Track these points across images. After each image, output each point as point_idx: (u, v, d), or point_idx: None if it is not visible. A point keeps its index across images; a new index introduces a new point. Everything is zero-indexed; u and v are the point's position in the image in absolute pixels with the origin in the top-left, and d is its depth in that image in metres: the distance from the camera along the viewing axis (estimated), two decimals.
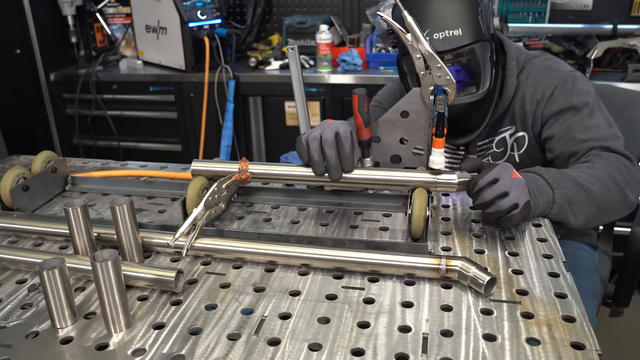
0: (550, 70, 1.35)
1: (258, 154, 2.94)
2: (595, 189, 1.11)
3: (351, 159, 1.02)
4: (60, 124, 3.09)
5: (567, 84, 1.31)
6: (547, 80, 1.33)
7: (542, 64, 1.37)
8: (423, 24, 1.20)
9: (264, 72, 2.79)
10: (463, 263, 0.86)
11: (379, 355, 0.72)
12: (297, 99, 1.28)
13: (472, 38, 1.22)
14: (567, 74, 1.34)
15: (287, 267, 0.95)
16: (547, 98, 1.32)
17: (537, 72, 1.36)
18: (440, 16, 1.21)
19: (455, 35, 1.20)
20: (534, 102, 1.34)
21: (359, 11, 3.04)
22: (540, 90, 1.33)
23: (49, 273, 0.77)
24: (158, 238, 0.99)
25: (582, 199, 1.10)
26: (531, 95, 1.34)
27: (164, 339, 0.77)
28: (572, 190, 1.09)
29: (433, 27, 1.20)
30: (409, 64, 1.31)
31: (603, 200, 1.12)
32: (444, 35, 1.20)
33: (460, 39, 1.21)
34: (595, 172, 1.14)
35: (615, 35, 2.53)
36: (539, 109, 1.33)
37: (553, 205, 1.07)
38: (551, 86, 1.32)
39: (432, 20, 1.21)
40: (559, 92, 1.31)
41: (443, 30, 1.20)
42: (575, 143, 1.26)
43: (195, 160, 1.12)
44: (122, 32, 3.14)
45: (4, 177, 1.18)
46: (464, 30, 1.20)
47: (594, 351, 0.71)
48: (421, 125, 1.09)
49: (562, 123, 1.30)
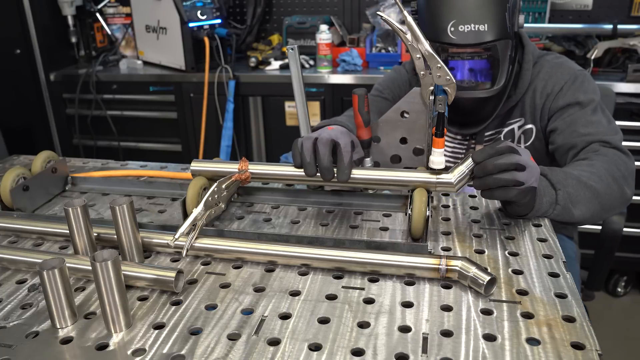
0: (562, 67, 1.39)
1: (258, 154, 2.94)
2: (597, 186, 1.12)
3: (348, 170, 1.01)
4: (60, 124, 3.09)
5: (577, 81, 1.35)
6: (558, 76, 1.37)
7: (554, 60, 1.41)
8: (450, 13, 1.22)
9: (264, 72, 2.79)
10: (463, 263, 0.86)
11: (379, 355, 0.72)
12: (297, 99, 1.28)
13: (496, 35, 1.23)
14: (578, 72, 1.38)
15: (287, 267, 0.95)
16: (557, 92, 1.35)
17: (549, 67, 1.39)
18: (468, 9, 1.22)
19: (480, 31, 1.22)
20: (544, 95, 1.37)
21: (359, 11, 3.04)
22: (550, 85, 1.37)
23: (49, 273, 0.77)
24: (158, 238, 0.99)
25: (586, 197, 1.10)
26: (542, 88, 1.37)
27: (164, 339, 0.77)
28: (575, 188, 1.09)
29: (460, 19, 1.21)
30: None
31: (604, 197, 1.13)
32: (469, 28, 1.21)
33: (484, 35, 1.22)
34: (596, 170, 1.15)
35: (615, 35, 2.53)
36: (547, 103, 1.37)
37: (555, 206, 1.07)
38: (562, 81, 1.36)
39: (459, 11, 1.22)
40: (568, 88, 1.35)
41: (469, 24, 1.21)
42: (576, 136, 1.29)
43: (195, 160, 1.12)
44: (122, 32, 3.14)
45: (4, 177, 1.18)
46: (489, 26, 1.22)
47: (594, 351, 0.71)
48: (421, 125, 1.09)
49: (566, 117, 1.33)
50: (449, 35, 1.23)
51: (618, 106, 1.75)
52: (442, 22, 1.24)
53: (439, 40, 1.25)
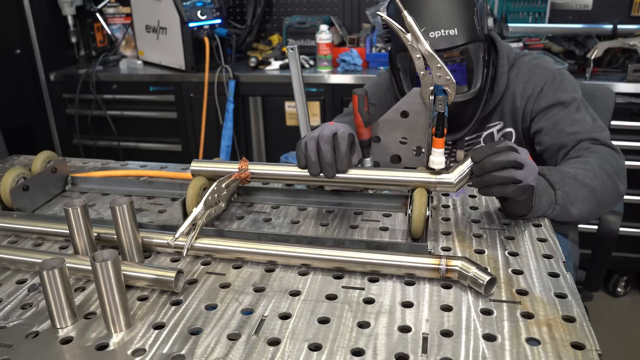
0: (540, 68, 1.39)
1: (258, 154, 2.94)
2: (593, 184, 1.13)
3: (346, 160, 1.01)
4: (60, 124, 3.09)
5: (556, 81, 1.36)
6: (536, 77, 1.37)
7: (531, 62, 1.41)
8: (419, 22, 1.20)
9: (264, 72, 2.79)
10: (463, 263, 0.86)
11: (379, 355, 0.72)
12: (297, 99, 1.28)
13: (466, 38, 1.24)
14: (555, 71, 1.38)
15: (287, 267, 0.95)
16: (537, 94, 1.36)
17: (527, 69, 1.39)
18: (436, 15, 1.23)
19: (450, 35, 1.23)
20: (524, 97, 1.37)
21: (359, 11, 3.04)
22: (530, 87, 1.37)
23: (49, 273, 0.77)
24: (158, 238, 0.99)
25: (583, 195, 1.11)
26: (522, 91, 1.38)
27: (164, 339, 0.77)
28: (573, 187, 1.10)
29: (429, 26, 1.22)
30: (403, 61, 1.33)
31: (600, 194, 1.14)
32: (439, 34, 1.22)
33: (455, 39, 1.23)
34: (590, 167, 1.16)
35: (615, 35, 2.53)
36: (528, 105, 1.37)
37: (555, 206, 1.07)
38: (541, 82, 1.36)
39: (428, 18, 1.22)
40: (548, 88, 1.35)
41: (439, 29, 1.22)
42: (564, 135, 1.29)
43: (195, 160, 1.12)
44: (122, 32, 3.14)
45: (4, 177, 1.18)
46: (459, 30, 1.23)
47: (594, 351, 0.71)
48: (421, 125, 1.09)
49: (550, 117, 1.33)
50: None
51: (618, 106, 1.75)
52: None
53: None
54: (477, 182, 0.98)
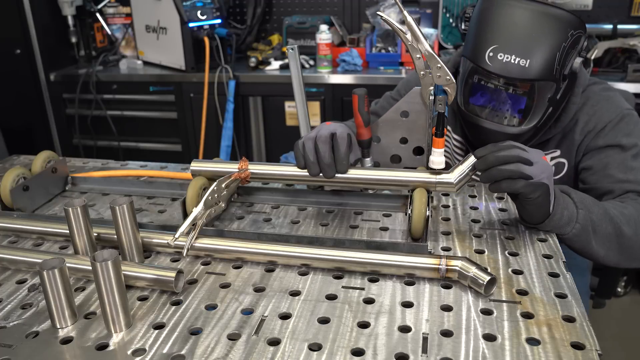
0: (609, 103, 1.28)
1: (258, 154, 2.94)
2: (623, 227, 1.06)
3: (346, 160, 1.01)
4: (60, 124, 3.09)
5: (622, 122, 1.25)
6: (602, 113, 1.26)
7: (602, 93, 1.30)
8: (493, 38, 1.13)
9: (264, 72, 2.79)
10: (463, 263, 0.86)
11: (379, 355, 0.72)
12: (297, 99, 1.28)
13: (538, 75, 1.13)
14: (625, 111, 1.26)
15: (287, 267, 0.95)
16: (598, 131, 1.25)
17: (595, 101, 1.28)
18: (514, 38, 1.13)
19: (520, 65, 1.12)
20: (584, 131, 1.27)
21: (359, 11, 3.04)
22: (593, 122, 1.26)
23: (49, 273, 0.77)
24: (158, 238, 0.99)
25: (607, 231, 1.05)
26: (584, 124, 1.27)
27: (164, 339, 0.77)
28: (599, 217, 1.04)
29: (501, 46, 1.13)
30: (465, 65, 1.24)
31: (627, 241, 1.07)
32: (509, 59, 1.12)
33: (524, 71, 1.12)
34: (627, 212, 1.09)
35: (615, 35, 2.53)
36: (586, 140, 1.27)
37: (575, 225, 1.01)
38: (606, 119, 1.25)
39: (504, 38, 1.13)
40: (611, 128, 1.25)
41: (510, 54, 1.12)
42: (613, 181, 1.20)
43: (195, 160, 1.12)
44: (122, 32, 3.14)
45: (4, 177, 1.18)
46: (531, 64, 1.12)
47: (594, 351, 0.71)
48: (421, 125, 1.09)
49: (603, 157, 1.24)
50: (485, 59, 1.14)
51: None
52: (483, 43, 1.15)
53: (474, 60, 1.18)
54: (485, 177, 0.94)
